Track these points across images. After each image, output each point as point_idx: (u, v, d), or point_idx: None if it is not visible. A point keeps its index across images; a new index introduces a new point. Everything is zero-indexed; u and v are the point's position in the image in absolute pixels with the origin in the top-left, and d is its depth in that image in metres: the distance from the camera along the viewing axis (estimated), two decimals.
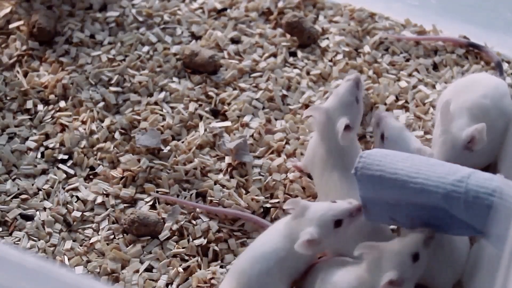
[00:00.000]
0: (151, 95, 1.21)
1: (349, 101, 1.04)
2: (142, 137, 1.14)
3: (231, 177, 1.11)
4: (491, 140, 1.04)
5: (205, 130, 1.16)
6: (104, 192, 1.09)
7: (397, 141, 1.03)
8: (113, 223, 1.07)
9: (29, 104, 1.18)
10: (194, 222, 1.06)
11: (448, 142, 1.03)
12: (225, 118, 1.19)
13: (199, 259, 1.03)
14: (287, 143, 1.16)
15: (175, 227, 1.06)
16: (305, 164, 1.09)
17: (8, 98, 1.19)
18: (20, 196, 1.08)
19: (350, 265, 0.94)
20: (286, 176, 1.11)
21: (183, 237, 1.05)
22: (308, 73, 1.26)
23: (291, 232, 0.94)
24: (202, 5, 1.35)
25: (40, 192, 1.09)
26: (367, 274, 0.90)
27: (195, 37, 1.30)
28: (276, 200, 1.08)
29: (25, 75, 1.22)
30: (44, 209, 1.07)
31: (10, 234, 1.05)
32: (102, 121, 1.17)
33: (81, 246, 1.04)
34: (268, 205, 1.08)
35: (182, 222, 1.06)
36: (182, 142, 1.15)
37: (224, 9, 1.35)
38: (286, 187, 1.10)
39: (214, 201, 1.08)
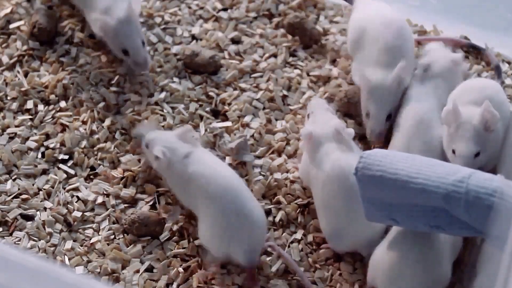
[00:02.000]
0: (151, 95, 1.21)
1: None
2: None
3: None
4: (496, 136, 1.05)
5: (206, 130, 1.16)
6: (105, 192, 1.09)
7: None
8: (114, 223, 1.07)
9: (29, 104, 1.18)
10: (194, 222, 1.06)
11: (467, 132, 1.03)
12: (226, 118, 1.19)
13: (200, 259, 1.03)
14: (287, 143, 1.16)
15: (175, 227, 1.06)
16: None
17: (8, 98, 1.19)
18: (20, 196, 1.08)
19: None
20: (287, 176, 1.11)
21: (183, 238, 1.05)
22: (308, 73, 1.26)
23: None
24: (202, 5, 1.35)
25: (41, 192, 1.09)
26: None
27: (196, 37, 1.30)
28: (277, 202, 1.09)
29: (26, 75, 1.22)
30: (45, 209, 1.07)
31: (11, 234, 1.05)
32: (103, 121, 1.17)
33: (81, 246, 1.04)
34: (269, 207, 1.09)
35: (182, 223, 1.06)
36: None
37: (225, 9, 1.35)
38: (287, 187, 1.10)
39: None
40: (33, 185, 1.10)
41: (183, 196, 1.05)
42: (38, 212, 1.07)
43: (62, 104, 1.19)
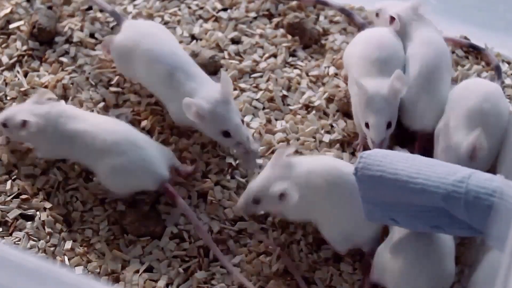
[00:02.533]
0: (151, 95, 1.20)
1: None
2: None
3: (232, 177, 1.11)
4: (492, 144, 1.05)
5: None
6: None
7: None
8: (113, 223, 1.07)
9: None
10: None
11: (452, 158, 1.03)
12: None
13: (200, 259, 1.03)
14: (287, 143, 1.16)
15: (175, 230, 1.05)
16: None
17: (8, 98, 1.19)
18: (20, 196, 1.08)
19: None
20: None
21: (183, 238, 1.05)
22: (308, 73, 1.26)
23: None
24: (202, 5, 1.35)
25: (41, 192, 1.09)
26: None
27: (195, 37, 1.30)
28: None
29: (25, 75, 1.22)
30: (44, 209, 1.07)
31: (11, 234, 1.05)
32: None
33: (81, 246, 1.04)
34: None
35: (182, 223, 1.06)
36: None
37: (225, 9, 1.35)
38: None
39: (214, 202, 1.08)
40: (33, 185, 1.10)
41: (69, 153, 1.08)
42: (38, 212, 1.07)
43: None
